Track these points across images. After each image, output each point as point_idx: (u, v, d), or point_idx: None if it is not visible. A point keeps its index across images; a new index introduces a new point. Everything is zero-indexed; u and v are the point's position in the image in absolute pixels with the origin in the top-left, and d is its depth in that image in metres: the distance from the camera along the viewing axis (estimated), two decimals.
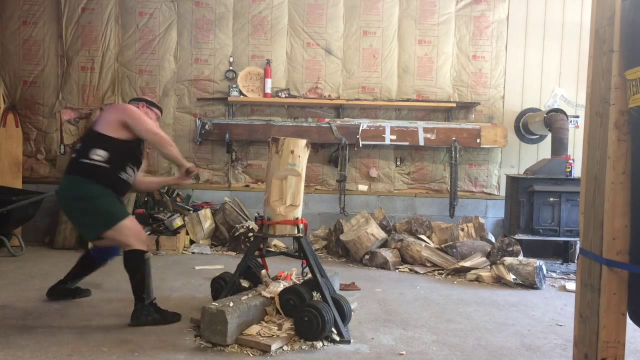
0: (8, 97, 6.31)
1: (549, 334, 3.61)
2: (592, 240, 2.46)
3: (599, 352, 2.34)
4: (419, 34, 6.40)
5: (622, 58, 2.27)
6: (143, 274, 3.53)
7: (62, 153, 6.34)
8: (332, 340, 3.23)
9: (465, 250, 5.36)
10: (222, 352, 3.07)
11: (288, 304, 3.36)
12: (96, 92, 6.36)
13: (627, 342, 2.39)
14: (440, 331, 3.58)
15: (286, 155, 3.48)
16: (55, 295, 3.99)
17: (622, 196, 2.29)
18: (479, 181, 6.47)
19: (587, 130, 2.54)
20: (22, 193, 5.70)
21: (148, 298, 3.55)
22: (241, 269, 3.60)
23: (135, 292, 3.55)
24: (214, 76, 6.39)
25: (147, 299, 3.54)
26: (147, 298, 3.54)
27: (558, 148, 5.71)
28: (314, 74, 6.40)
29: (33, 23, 6.33)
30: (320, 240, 6.11)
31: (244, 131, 6.19)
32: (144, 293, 3.53)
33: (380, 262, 5.35)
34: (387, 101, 6.37)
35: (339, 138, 6.17)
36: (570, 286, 4.80)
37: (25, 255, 5.49)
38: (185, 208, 6.12)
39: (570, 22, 6.36)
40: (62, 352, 3.02)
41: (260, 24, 6.38)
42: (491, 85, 6.42)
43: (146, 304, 3.53)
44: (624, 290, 2.32)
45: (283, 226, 3.53)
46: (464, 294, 4.51)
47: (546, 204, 5.53)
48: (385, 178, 6.47)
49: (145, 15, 6.35)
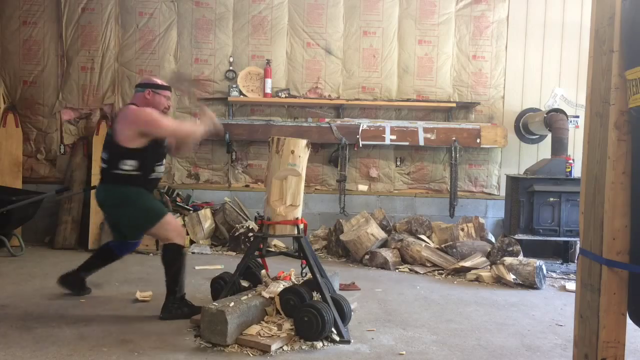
0: (8, 97, 6.31)
1: (549, 334, 3.61)
2: (592, 240, 2.46)
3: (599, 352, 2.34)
4: (419, 34, 6.40)
5: (622, 58, 2.28)
6: (179, 268, 3.65)
7: (62, 153, 6.34)
8: (332, 341, 3.23)
9: (465, 250, 5.36)
10: (222, 352, 3.07)
11: (288, 304, 3.36)
12: (96, 92, 6.35)
13: (627, 342, 2.39)
14: (440, 331, 3.58)
15: (286, 155, 3.48)
16: (66, 283, 4.03)
17: (622, 196, 2.29)
18: (479, 181, 6.47)
19: (587, 130, 2.54)
20: (22, 193, 5.69)
21: (180, 292, 3.65)
22: (241, 269, 3.60)
23: (168, 285, 3.65)
24: (214, 76, 6.39)
25: (178, 292, 3.64)
26: (179, 292, 3.64)
27: (558, 148, 5.71)
28: (314, 74, 6.40)
29: (33, 23, 6.32)
30: (320, 240, 6.11)
31: (244, 131, 6.19)
32: (177, 286, 3.64)
33: (380, 262, 5.35)
34: (387, 101, 6.37)
35: (339, 138, 6.17)
36: (570, 286, 4.80)
37: (25, 255, 5.49)
38: (185, 208, 6.11)
39: (570, 22, 6.36)
40: (62, 352, 3.02)
41: (260, 24, 6.38)
42: (491, 85, 6.42)
43: (177, 297, 3.63)
44: (624, 290, 2.32)
45: (283, 226, 3.53)
46: (464, 294, 4.51)
47: (546, 204, 5.52)
48: (385, 178, 6.46)
49: (145, 15, 6.35)
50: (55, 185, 6.04)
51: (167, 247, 3.69)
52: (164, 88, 3.80)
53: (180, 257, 3.68)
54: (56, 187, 5.91)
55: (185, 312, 3.60)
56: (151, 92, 3.73)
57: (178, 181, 6.39)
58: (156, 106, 3.71)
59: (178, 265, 3.66)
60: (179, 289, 3.65)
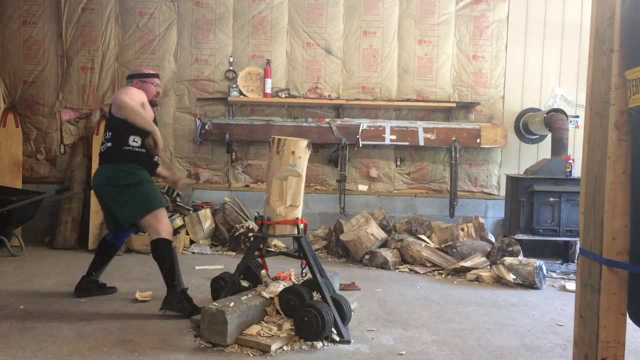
0: (8, 97, 6.31)
1: (549, 334, 3.61)
2: (592, 240, 2.46)
3: (599, 352, 2.34)
4: (419, 34, 6.40)
5: (622, 58, 2.28)
6: (172, 262, 3.69)
7: (62, 153, 6.34)
8: (332, 341, 3.23)
9: (465, 250, 5.36)
10: (222, 352, 3.07)
11: (288, 304, 3.36)
12: (96, 92, 6.35)
13: (627, 342, 2.40)
14: (440, 331, 3.58)
15: (287, 155, 3.48)
16: (81, 292, 4.06)
17: (622, 196, 2.29)
18: (479, 181, 6.47)
19: (587, 130, 2.54)
20: (22, 193, 5.70)
21: (179, 286, 3.68)
22: (241, 269, 3.60)
23: (166, 280, 3.69)
24: (214, 76, 6.39)
25: (178, 286, 3.66)
26: (178, 286, 3.67)
27: (558, 148, 5.71)
28: (314, 74, 6.40)
29: (33, 23, 6.32)
30: (320, 240, 6.11)
31: (244, 131, 6.19)
32: (175, 280, 3.66)
33: (380, 262, 5.35)
34: (387, 101, 6.37)
35: (339, 138, 6.17)
36: (570, 286, 4.80)
37: (25, 255, 5.49)
38: (185, 208, 6.11)
39: (570, 22, 6.36)
40: (62, 352, 3.02)
41: (260, 24, 6.38)
42: (491, 85, 6.42)
43: (178, 291, 3.66)
44: (624, 290, 2.32)
45: (283, 226, 3.53)
46: (464, 294, 4.51)
47: (546, 204, 5.53)
48: (385, 178, 6.46)
49: (145, 15, 6.35)
50: (55, 185, 6.04)
51: (157, 243, 3.71)
52: (150, 76, 4.02)
53: (171, 251, 3.71)
54: (56, 187, 5.92)
55: (185, 306, 3.62)
56: (138, 81, 3.95)
57: None
58: (146, 93, 3.88)
59: (170, 259, 3.69)
60: (178, 283, 3.68)
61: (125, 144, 3.73)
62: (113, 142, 3.77)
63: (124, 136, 3.73)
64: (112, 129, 3.81)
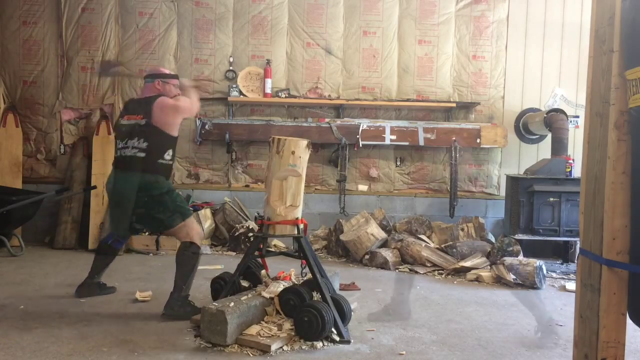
0: (8, 97, 6.31)
1: (549, 334, 3.61)
2: (592, 240, 2.46)
3: (599, 352, 2.34)
4: (419, 34, 6.40)
5: (622, 58, 2.28)
6: (192, 268, 3.71)
7: (62, 153, 6.34)
8: (332, 340, 3.24)
9: (465, 250, 5.36)
10: (222, 352, 3.07)
11: (288, 304, 3.36)
12: (96, 92, 6.35)
13: (627, 342, 2.39)
14: (440, 331, 3.58)
15: (287, 155, 3.48)
16: (83, 292, 4.06)
17: (622, 196, 2.29)
18: (479, 181, 6.47)
19: (587, 130, 2.54)
20: (22, 193, 5.70)
21: (186, 291, 3.69)
22: (241, 269, 3.60)
23: (177, 282, 3.68)
24: (214, 76, 6.39)
25: (184, 291, 3.68)
26: (185, 291, 3.68)
27: (558, 148, 5.71)
28: (314, 74, 6.40)
29: (33, 23, 6.32)
30: (320, 240, 6.11)
31: (244, 131, 6.19)
32: (185, 285, 3.67)
33: (380, 262, 5.34)
34: (387, 101, 6.37)
35: (339, 138, 6.17)
36: (570, 286, 4.80)
37: (25, 255, 5.49)
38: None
39: (570, 22, 6.35)
40: (62, 352, 3.02)
41: (260, 24, 6.38)
42: (491, 85, 6.42)
43: (182, 296, 3.66)
44: (624, 290, 2.32)
45: (283, 226, 3.53)
46: (464, 294, 4.51)
47: (546, 204, 5.52)
48: (385, 178, 6.46)
49: (145, 15, 6.35)
50: (55, 185, 6.05)
51: (187, 246, 3.75)
52: (171, 77, 4.00)
53: (196, 258, 3.75)
54: (56, 187, 5.92)
55: (187, 311, 3.62)
56: (160, 82, 3.90)
57: (178, 181, 6.39)
58: (167, 94, 3.88)
59: (192, 265, 3.72)
60: (186, 288, 3.69)
61: (161, 157, 3.77)
62: (148, 154, 3.73)
63: (161, 150, 3.77)
64: (149, 140, 3.73)
